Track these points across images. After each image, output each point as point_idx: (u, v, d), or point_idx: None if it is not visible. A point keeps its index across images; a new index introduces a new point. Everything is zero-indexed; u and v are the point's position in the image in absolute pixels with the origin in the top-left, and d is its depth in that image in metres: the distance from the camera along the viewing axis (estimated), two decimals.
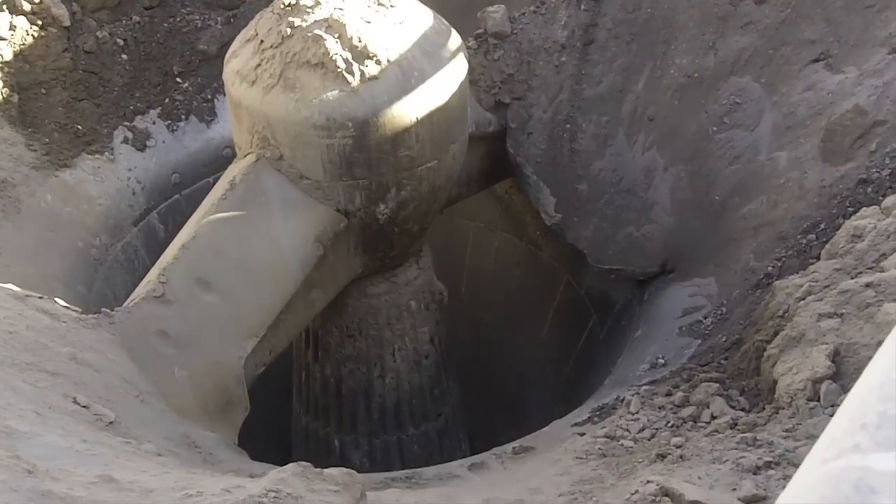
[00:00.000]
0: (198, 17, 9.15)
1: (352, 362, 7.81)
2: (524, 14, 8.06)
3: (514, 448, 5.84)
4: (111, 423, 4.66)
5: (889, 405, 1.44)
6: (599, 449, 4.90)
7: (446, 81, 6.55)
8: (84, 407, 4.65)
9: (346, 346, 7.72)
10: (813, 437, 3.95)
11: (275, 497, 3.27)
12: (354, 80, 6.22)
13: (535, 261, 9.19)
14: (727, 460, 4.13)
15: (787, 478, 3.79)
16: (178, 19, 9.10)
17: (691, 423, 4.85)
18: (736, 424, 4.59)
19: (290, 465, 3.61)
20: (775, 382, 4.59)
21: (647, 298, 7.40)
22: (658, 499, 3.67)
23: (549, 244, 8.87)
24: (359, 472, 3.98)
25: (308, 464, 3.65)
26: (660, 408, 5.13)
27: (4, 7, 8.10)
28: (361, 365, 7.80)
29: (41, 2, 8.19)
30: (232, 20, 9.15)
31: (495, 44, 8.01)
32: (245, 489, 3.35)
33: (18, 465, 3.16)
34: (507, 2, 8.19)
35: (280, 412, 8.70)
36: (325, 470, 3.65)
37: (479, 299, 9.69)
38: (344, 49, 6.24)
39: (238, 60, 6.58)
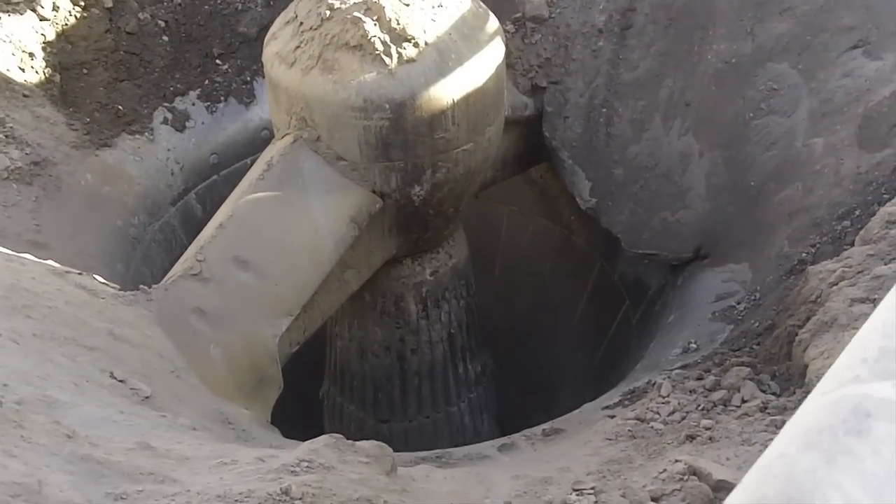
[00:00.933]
0: (238, 0, 9.21)
1: (382, 343, 7.85)
2: None
3: (544, 430, 5.87)
4: (147, 397, 4.73)
5: (890, 341, 1.54)
6: (629, 431, 4.93)
7: (483, 64, 6.57)
8: (121, 381, 4.72)
9: (377, 327, 7.77)
10: None
11: (307, 466, 3.32)
12: (392, 63, 6.26)
13: (570, 245, 9.20)
14: (756, 442, 4.15)
15: None
16: (219, 1, 9.16)
17: (722, 406, 4.86)
18: (766, 408, 4.61)
19: (323, 437, 3.67)
20: (806, 367, 4.59)
21: (681, 284, 7.40)
22: (686, 477, 3.71)
23: (583, 229, 8.88)
24: None
25: (340, 436, 3.70)
26: (691, 391, 5.15)
27: None
28: (392, 346, 7.85)
29: None
30: (272, 3, 9.20)
31: (533, 27, 8.02)
32: (278, 458, 3.40)
33: (58, 431, 3.23)
34: None
35: (312, 388, 8.75)
36: (357, 442, 3.70)
37: (512, 283, 9.70)
38: (382, 31, 6.28)
39: (277, 42, 6.63)
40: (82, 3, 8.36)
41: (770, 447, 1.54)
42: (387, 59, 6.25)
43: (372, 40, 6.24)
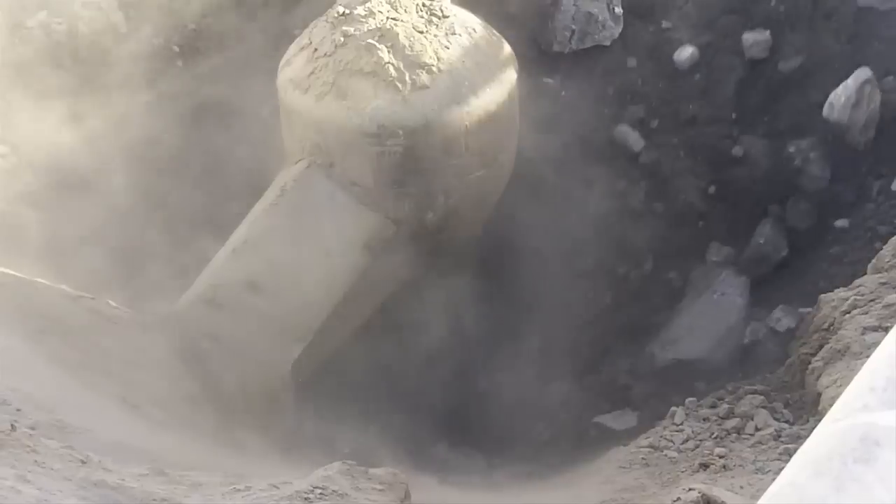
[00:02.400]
0: None
1: (396, 368, 7.81)
2: None
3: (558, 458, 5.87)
4: (159, 423, 4.73)
5: None
6: (643, 459, 4.91)
7: (496, 92, 6.58)
8: (133, 406, 4.72)
9: (390, 351, 7.73)
10: None
11: (320, 493, 3.32)
12: (406, 89, 6.27)
13: None
14: (770, 471, 4.14)
15: None
16: None
17: (735, 434, 4.85)
18: (780, 436, 4.59)
19: (336, 463, 3.66)
20: (819, 395, 4.58)
21: None
22: None
23: None
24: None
25: (353, 462, 3.70)
26: (704, 419, 5.14)
27: (63, 13, 8.25)
28: (406, 372, 7.81)
29: (99, 8, 8.32)
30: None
31: None
32: (292, 485, 3.40)
33: (72, 456, 3.23)
34: None
35: None
36: (371, 469, 3.69)
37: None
38: (396, 58, 6.30)
39: (292, 68, 6.66)
40: (97, 28, 8.41)
41: (781, 475, 1.58)
42: (400, 86, 6.27)
43: (386, 67, 6.27)
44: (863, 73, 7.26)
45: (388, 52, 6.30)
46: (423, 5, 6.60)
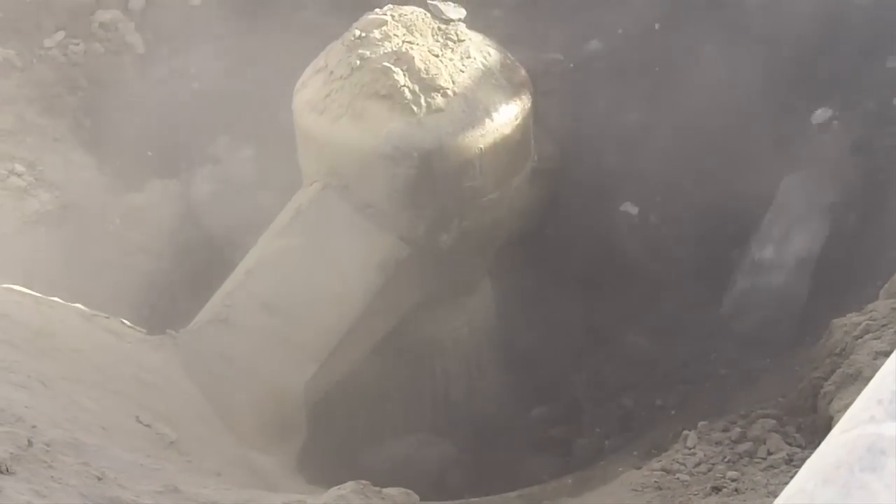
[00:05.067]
0: None
1: (404, 388, 7.81)
2: None
3: (569, 481, 5.86)
4: (172, 442, 4.74)
5: None
6: (655, 482, 4.91)
7: (511, 115, 6.61)
8: (146, 426, 4.73)
9: (399, 373, 7.73)
10: None
11: None
12: (421, 112, 6.31)
13: None
14: None
15: None
16: None
17: (747, 458, 4.84)
18: (792, 460, 4.59)
19: (350, 483, 3.66)
20: (831, 419, 4.58)
21: None
22: None
23: None
24: None
25: (367, 482, 3.70)
26: (717, 443, 5.13)
27: (80, 34, 8.31)
28: (418, 390, 7.81)
29: (116, 29, 8.39)
30: None
31: None
32: None
33: (88, 472, 3.24)
34: None
35: None
36: (384, 489, 3.70)
37: None
38: (412, 81, 6.34)
39: (308, 91, 6.70)
40: (114, 49, 8.46)
41: (791, 482, 1.70)
42: (415, 109, 6.31)
43: (401, 90, 6.30)
44: None
45: (404, 75, 6.34)
46: (439, 29, 6.65)
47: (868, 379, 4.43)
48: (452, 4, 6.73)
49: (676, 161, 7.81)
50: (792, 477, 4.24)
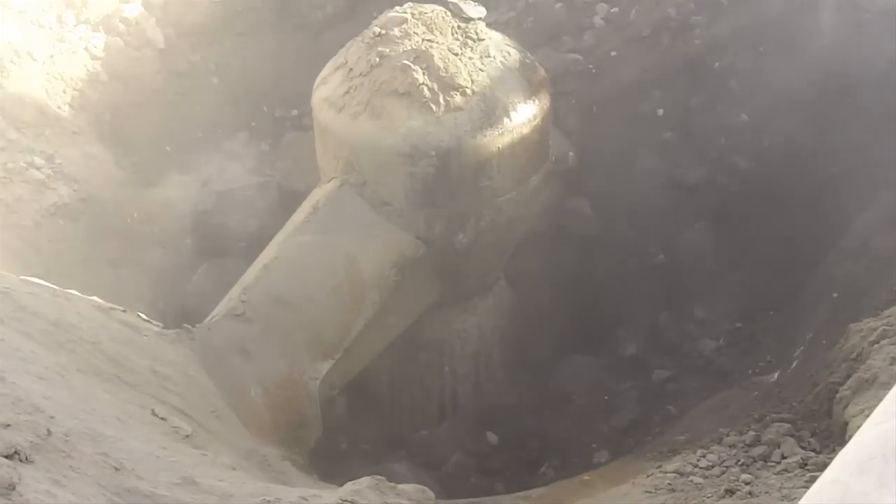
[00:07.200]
0: None
1: (416, 387, 7.80)
2: None
3: (581, 481, 5.85)
4: (187, 435, 4.74)
5: None
6: (669, 484, 4.89)
7: (529, 115, 6.61)
8: (162, 419, 4.74)
9: (412, 371, 7.72)
10: None
11: None
12: (439, 110, 6.31)
13: None
14: (795, 498, 4.12)
15: None
16: None
17: (761, 461, 4.82)
18: (806, 464, 4.57)
19: (365, 478, 3.66)
20: (846, 424, 4.56)
21: None
22: None
23: None
24: None
25: (382, 477, 3.70)
26: (731, 446, 5.12)
27: (101, 28, 8.34)
28: (429, 389, 7.80)
29: (137, 24, 8.41)
30: None
31: None
32: (320, 498, 3.41)
33: (106, 462, 3.25)
34: None
35: None
36: (399, 485, 3.70)
37: None
38: (430, 79, 6.34)
39: (327, 87, 6.70)
40: (135, 44, 8.49)
41: (824, 474, 1.71)
42: (434, 107, 6.31)
43: (420, 88, 6.31)
44: None
45: (423, 73, 6.34)
46: (459, 28, 6.64)
47: (884, 385, 4.44)
48: (473, 3, 6.72)
49: None
50: (806, 481, 4.25)
